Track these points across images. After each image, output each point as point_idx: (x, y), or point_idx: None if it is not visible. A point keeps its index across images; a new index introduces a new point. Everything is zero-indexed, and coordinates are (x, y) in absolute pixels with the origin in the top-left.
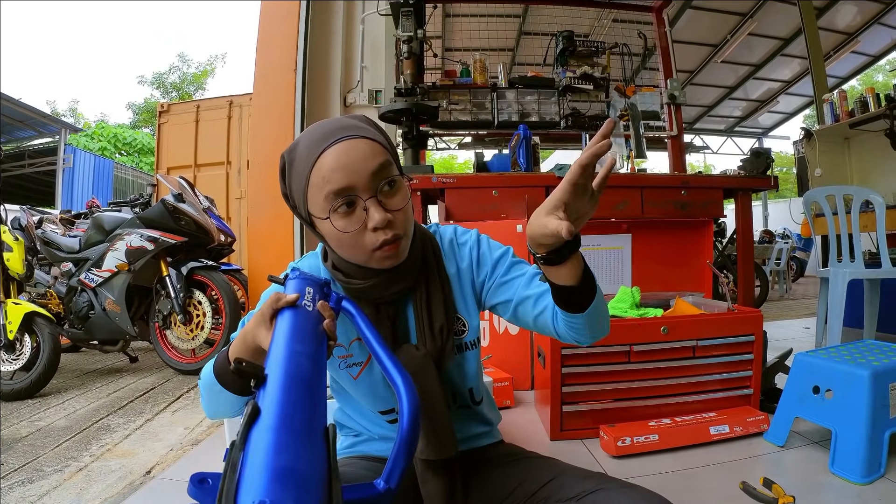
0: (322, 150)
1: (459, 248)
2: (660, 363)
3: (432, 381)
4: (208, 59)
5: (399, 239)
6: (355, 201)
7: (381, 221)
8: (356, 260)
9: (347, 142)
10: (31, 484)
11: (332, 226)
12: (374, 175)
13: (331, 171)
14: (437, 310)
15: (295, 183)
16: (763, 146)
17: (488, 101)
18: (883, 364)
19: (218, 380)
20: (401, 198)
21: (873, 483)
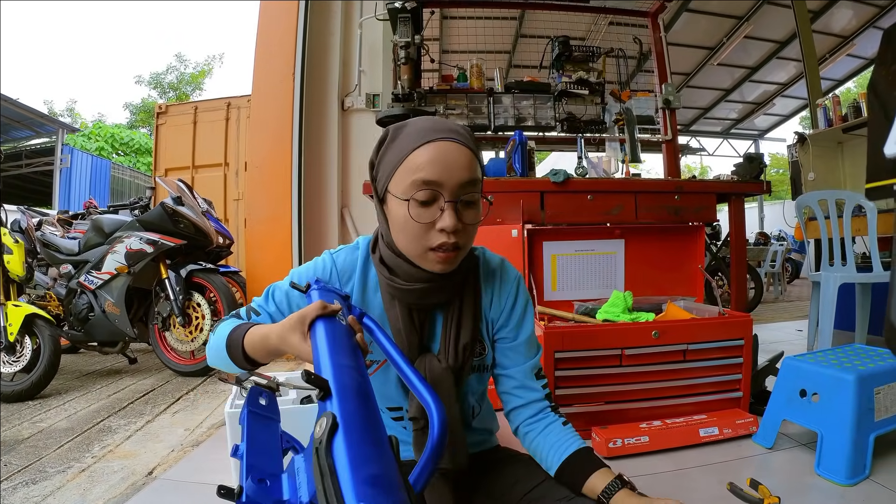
0: (428, 140)
1: (502, 283)
2: (651, 366)
3: (449, 395)
4: (206, 59)
5: (457, 249)
6: (436, 198)
7: (451, 226)
8: (410, 251)
9: (454, 143)
10: (35, 485)
11: (406, 210)
12: (462, 184)
13: (428, 161)
14: (465, 328)
15: (390, 156)
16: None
17: (485, 105)
18: (869, 368)
19: (228, 351)
20: (474, 214)
21: (858, 484)
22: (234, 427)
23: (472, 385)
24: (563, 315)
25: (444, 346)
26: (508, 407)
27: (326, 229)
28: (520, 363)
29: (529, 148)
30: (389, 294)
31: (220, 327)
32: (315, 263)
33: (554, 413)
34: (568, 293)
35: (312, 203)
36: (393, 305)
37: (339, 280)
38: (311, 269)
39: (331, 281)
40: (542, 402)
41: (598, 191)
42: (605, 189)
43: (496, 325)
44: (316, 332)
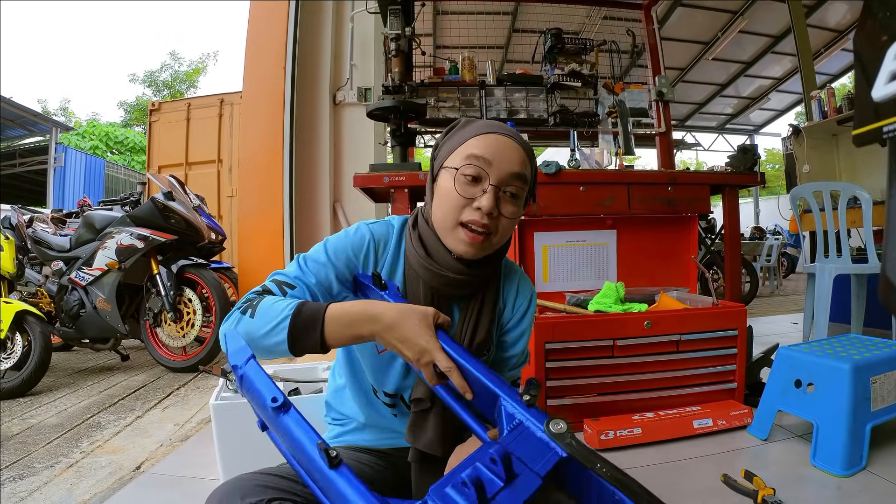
0: (494, 131)
1: (518, 293)
2: (643, 357)
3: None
4: (200, 57)
5: (486, 234)
6: (483, 179)
7: (487, 207)
8: (443, 224)
9: (515, 143)
10: (22, 480)
11: (451, 179)
12: (510, 175)
13: (487, 147)
14: (482, 326)
15: (453, 139)
16: (754, 143)
17: (476, 98)
18: (864, 358)
19: (292, 332)
20: (513, 209)
21: (854, 475)
22: (219, 420)
23: None
24: (555, 306)
25: (459, 338)
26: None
27: (318, 223)
28: (503, 371)
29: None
30: (415, 272)
31: (260, 305)
32: (352, 236)
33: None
34: (559, 284)
35: (304, 197)
36: (416, 285)
37: (374, 252)
38: (349, 241)
39: (367, 251)
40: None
41: (591, 182)
42: (597, 180)
43: (503, 329)
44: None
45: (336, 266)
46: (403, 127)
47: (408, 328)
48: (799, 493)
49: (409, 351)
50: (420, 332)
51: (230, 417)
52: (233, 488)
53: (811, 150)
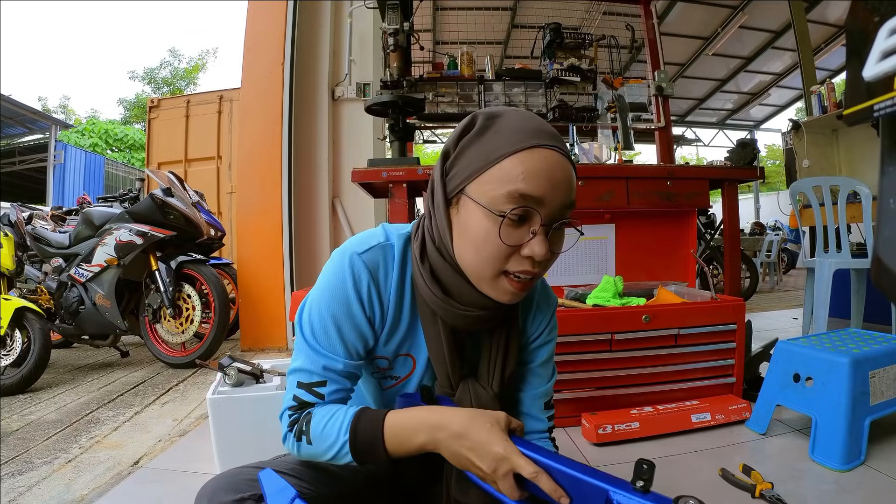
0: (533, 145)
1: (540, 308)
2: (642, 352)
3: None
4: (199, 53)
5: (535, 279)
6: (531, 217)
7: (541, 255)
8: (480, 273)
9: (561, 156)
10: (21, 475)
11: (491, 225)
12: (563, 206)
13: (533, 172)
14: (511, 354)
15: (477, 151)
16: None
17: (475, 93)
18: (863, 351)
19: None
20: (562, 242)
21: (853, 470)
22: (216, 413)
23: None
24: None
25: (487, 371)
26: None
27: (317, 220)
28: (531, 388)
29: None
30: (431, 311)
31: (312, 430)
32: (344, 285)
33: (548, 441)
34: (557, 279)
35: (303, 193)
36: (434, 323)
37: (376, 292)
38: (343, 294)
39: (369, 296)
40: (543, 433)
41: (589, 177)
42: (596, 175)
43: (527, 345)
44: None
45: (347, 332)
46: (402, 122)
47: (479, 435)
48: (797, 488)
49: (483, 461)
50: (494, 438)
51: (227, 411)
52: (223, 483)
53: (811, 145)
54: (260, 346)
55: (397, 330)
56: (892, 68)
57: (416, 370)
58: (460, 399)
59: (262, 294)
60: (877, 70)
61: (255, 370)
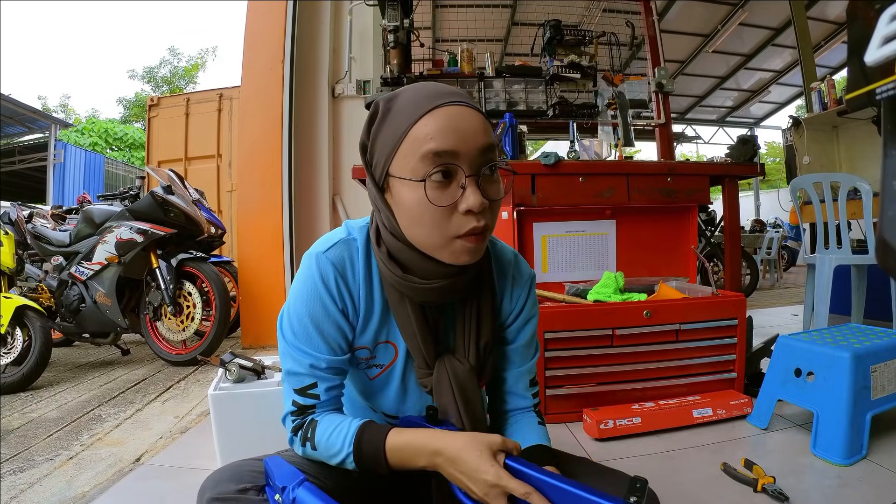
0: (434, 106)
1: (516, 281)
2: (643, 347)
3: (475, 397)
4: (199, 52)
5: (486, 232)
6: (454, 173)
7: (477, 205)
8: (429, 243)
9: (463, 107)
10: (22, 473)
11: (422, 193)
12: (482, 151)
13: (439, 130)
14: (485, 325)
15: (386, 133)
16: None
17: (476, 90)
18: (864, 346)
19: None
20: (498, 188)
21: (855, 464)
22: (218, 409)
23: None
24: (554, 296)
25: (462, 346)
26: (492, 405)
27: (318, 217)
28: (514, 366)
29: (520, 131)
30: (398, 292)
31: (317, 437)
32: (314, 284)
33: (534, 413)
34: (558, 275)
35: (303, 191)
36: (402, 305)
37: (345, 286)
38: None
39: (339, 290)
40: (528, 409)
41: (590, 173)
42: (596, 171)
43: (505, 323)
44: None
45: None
46: None
47: (470, 462)
48: (799, 482)
49: (476, 486)
50: (483, 465)
51: (228, 407)
52: (227, 474)
53: (811, 141)
54: (261, 343)
55: (371, 318)
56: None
57: (398, 356)
58: (438, 376)
59: (262, 292)
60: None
61: (256, 366)
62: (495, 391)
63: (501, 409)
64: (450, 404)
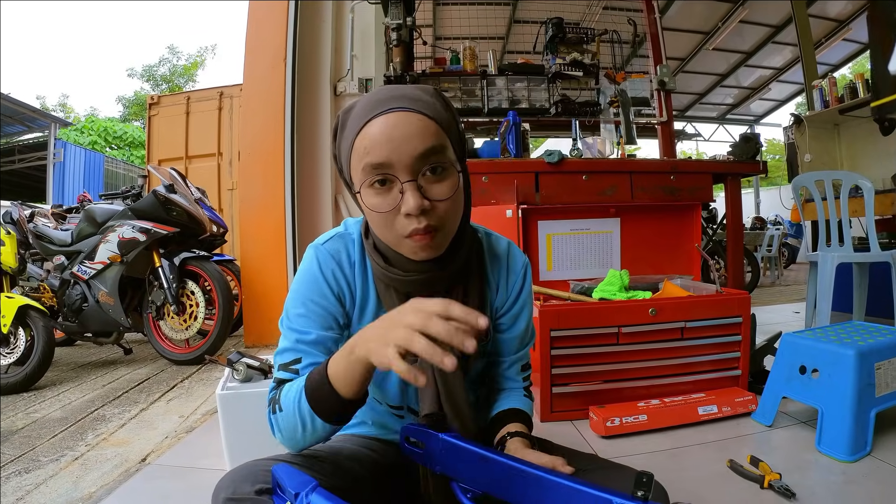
0: (371, 118)
1: (510, 270)
2: (648, 345)
3: (457, 385)
4: (198, 50)
5: (432, 231)
6: (392, 180)
7: (414, 208)
8: (388, 242)
9: (398, 114)
10: (28, 474)
11: (369, 200)
12: (418, 157)
13: (373, 142)
14: None
15: (343, 146)
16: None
17: (478, 88)
18: (868, 343)
19: (314, 406)
20: (445, 187)
21: (859, 461)
22: (226, 410)
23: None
24: (559, 294)
25: None
26: (486, 386)
27: (320, 216)
28: (510, 353)
29: (523, 129)
30: (384, 283)
31: (283, 399)
32: (312, 271)
33: (522, 390)
34: (563, 273)
35: (306, 190)
36: (389, 294)
37: (341, 273)
38: (312, 278)
39: (336, 278)
40: (518, 391)
41: (593, 171)
42: (599, 170)
43: (499, 312)
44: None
45: (322, 305)
46: None
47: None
48: (805, 479)
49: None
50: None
51: (237, 407)
52: (242, 474)
53: (812, 139)
54: (264, 342)
55: (367, 307)
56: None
57: None
58: (421, 363)
59: (265, 290)
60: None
61: (263, 365)
62: (489, 374)
63: (493, 386)
64: (431, 392)
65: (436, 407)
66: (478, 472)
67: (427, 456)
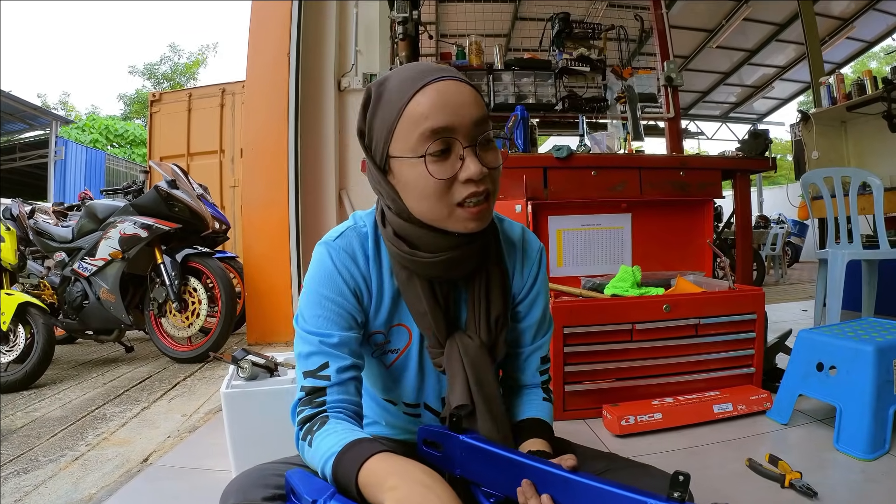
0: (425, 84)
1: (525, 255)
2: (662, 342)
3: (488, 373)
4: (200, 48)
5: (489, 197)
6: (452, 146)
7: (477, 173)
8: (435, 215)
9: (453, 82)
10: (27, 474)
11: (423, 168)
12: (476, 123)
13: (433, 107)
14: (495, 298)
15: (382, 117)
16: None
17: (484, 83)
18: (887, 340)
19: (336, 484)
20: (495, 156)
21: (878, 459)
22: (230, 408)
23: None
24: (571, 291)
25: (473, 321)
26: (503, 380)
27: (324, 212)
28: (527, 344)
29: (531, 124)
30: (406, 270)
31: (317, 442)
32: (326, 269)
33: (541, 391)
34: (574, 269)
35: (310, 185)
36: (411, 283)
37: (356, 268)
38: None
39: (351, 273)
40: (537, 387)
41: (603, 166)
42: (609, 165)
43: (516, 300)
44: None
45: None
46: None
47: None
48: (825, 477)
49: None
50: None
51: (242, 406)
52: (253, 479)
53: (820, 136)
54: (267, 340)
55: (383, 301)
56: None
57: (412, 339)
58: (449, 354)
59: (268, 287)
60: None
61: (269, 363)
62: (507, 367)
63: (509, 384)
64: (461, 382)
65: (466, 398)
66: (500, 475)
67: (446, 459)
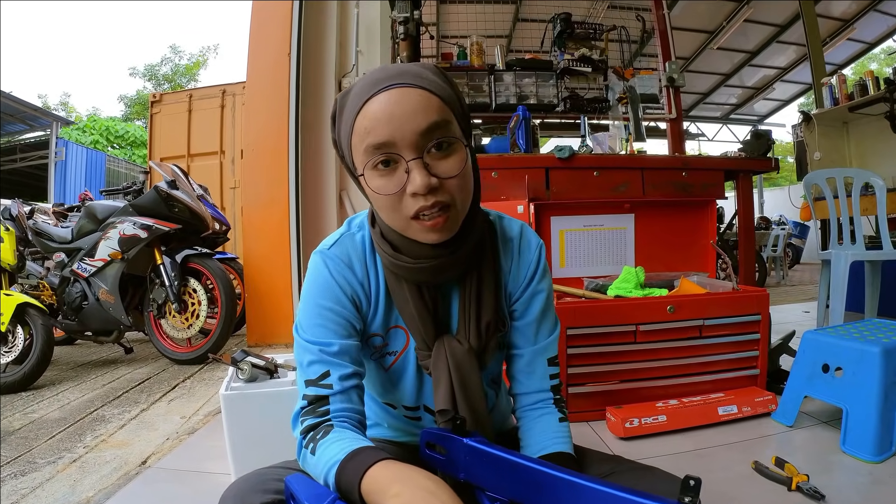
0: (370, 97)
1: (522, 252)
2: (666, 343)
3: (474, 379)
4: (200, 50)
5: (444, 208)
6: (397, 161)
7: (421, 187)
8: (395, 226)
9: (399, 90)
10: (24, 476)
11: (374, 183)
12: (422, 133)
13: (374, 121)
14: (486, 303)
15: (343, 130)
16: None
17: (486, 83)
18: (893, 341)
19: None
20: (453, 163)
21: (885, 461)
22: (230, 410)
23: (489, 368)
24: (574, 292)
25: (463, 326)
26: (512, 390)
27: (325, 213)
28: (529, 343)
29: (533, 125)
30: (394, 274)
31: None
32: (323, 277)
33: (555, 406)
34: (577, 270)
35: (310, 186)
36: (399, 285)
37: (353, 275)
38: (324, 284)
39: (347, 280)
40: (546, 393)
41: (605, 167)
42: (611, 165)
43: (512, 299)
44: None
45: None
46: None
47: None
48: (832, 480)
49: None
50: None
51: (242, 408)
52: (252, 484)
53: (822, 137)
54: (267, 341)
55: (379, 303)
56: None
57: (410, 341)
58: (436, 357)
59: (268, 288)
60: None
61: (268, 365)
62: (512, 372)
63: (520, 390)
64: (445, 386)
65: (450, 403)
66: (506, 480)
67: (450, 462)
